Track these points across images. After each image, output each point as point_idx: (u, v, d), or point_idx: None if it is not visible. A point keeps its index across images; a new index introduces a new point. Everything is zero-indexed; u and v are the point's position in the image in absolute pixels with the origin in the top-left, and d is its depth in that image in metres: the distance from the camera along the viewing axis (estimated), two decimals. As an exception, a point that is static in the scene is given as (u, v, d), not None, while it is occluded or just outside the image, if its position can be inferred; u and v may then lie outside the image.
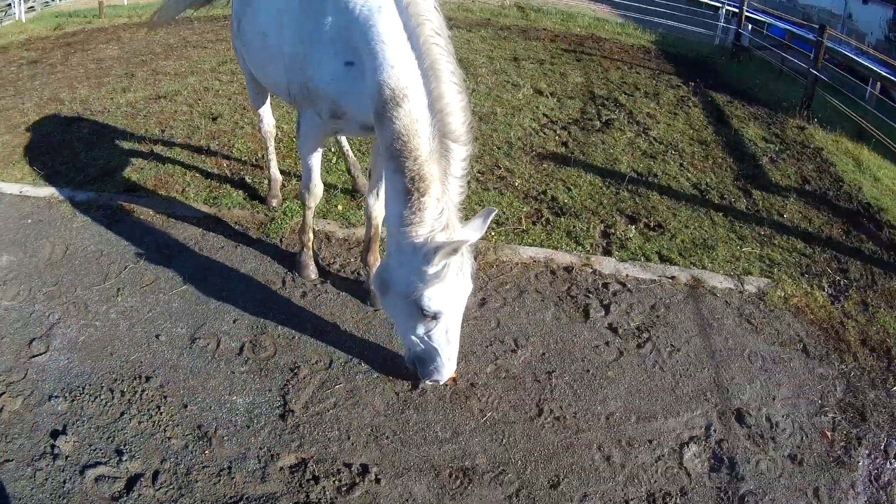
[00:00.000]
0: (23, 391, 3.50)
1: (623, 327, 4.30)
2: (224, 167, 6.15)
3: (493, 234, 5.26)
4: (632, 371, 3.95)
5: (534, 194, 6.05)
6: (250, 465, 3.13)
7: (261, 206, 5.44)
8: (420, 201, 2.93)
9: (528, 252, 5.04)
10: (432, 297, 2.90)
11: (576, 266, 4.90)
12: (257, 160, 6.27)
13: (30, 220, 5.09)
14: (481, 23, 14.26)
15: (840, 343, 4.44)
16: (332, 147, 6.65)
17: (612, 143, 7.58)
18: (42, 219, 5.12)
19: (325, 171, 5.96)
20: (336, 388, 3.61)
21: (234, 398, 3.50)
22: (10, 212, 5.22)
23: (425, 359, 3.13)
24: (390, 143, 3.00)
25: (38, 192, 5.54)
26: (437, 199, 2.95)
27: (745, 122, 9.04)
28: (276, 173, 5.47)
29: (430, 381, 3.24)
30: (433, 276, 2.87)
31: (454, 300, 2.98)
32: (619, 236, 5.42)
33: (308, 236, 4.43)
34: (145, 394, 3.49)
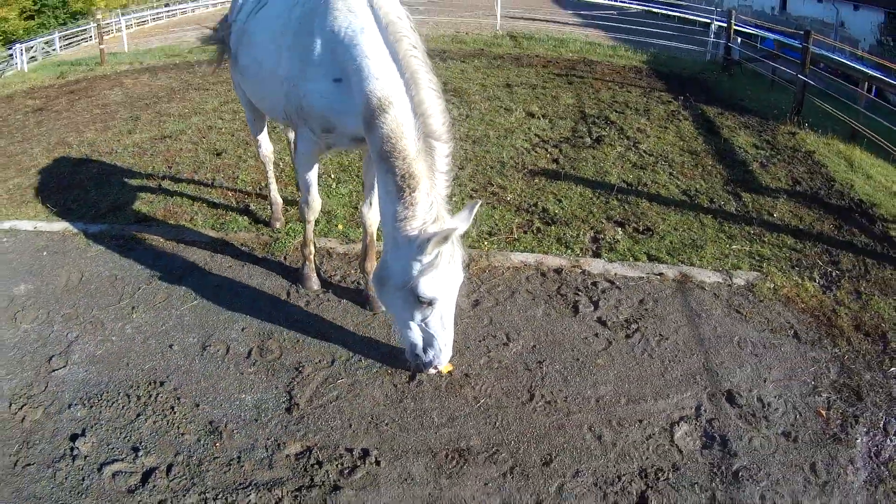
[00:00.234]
0: (43, 402, 3.70)
1: (612, 320, 4.46)
2: (230, 197, 6.44)
3: (486, 243, 5.46)
4: (621, 359, 4.09)
5: (525, 207, 6.25)
6: (258, 454, 3.32)
7: (265, 228, 5.72)
8: (411, 197, 3.19)
9: (519, 257, 5.24)
10: (427, 284, 3.15)
11: (565, 268, 5.08)
12: (260, 189, 6.56)
13: (45, 253, 5.35)
14: (475, 53, 14.63)
15: (833, 329, 4.47)
16: (333, 173, 6.96)
17: (602, 157, 7.74)
18: (57, 250, 5.38)
19: (326, 195, 6.25)
20: (338, 382, 3.82)
21: (244, 396, 3.71)
22: (25, 246, 5.48)
23: (424, 347, 3.35)
24: (380, 147, 3.28)
25: (52, 227, 5.81)
26: (427, 194, 3.22)
27: (736, 132, 9.09)
28: (276, 197, 5.78)
29: (430, 370, 3.45)
30: (427, 265, 3.14)
31: (447, 286, 3.23)
32: (608, 240, 5.58)
33: (309, 249, 4.69)
34: (160, 397, 3.70)
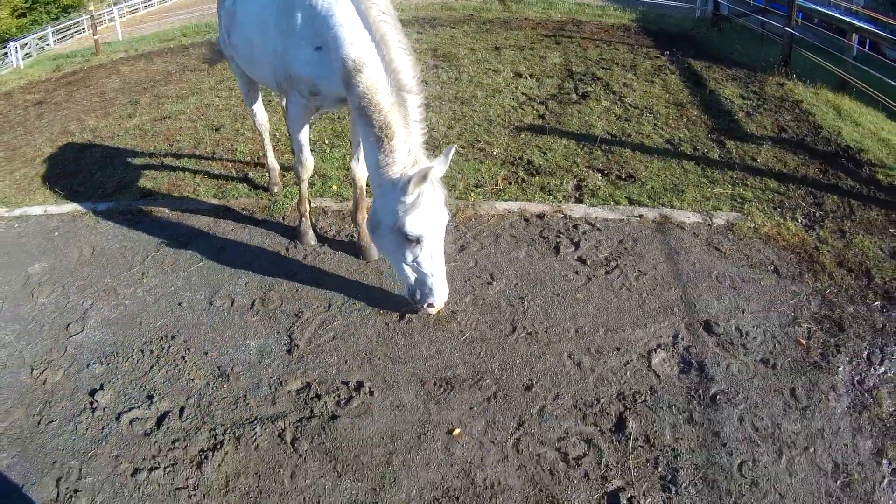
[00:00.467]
0: (63, 364, 3.99)
1: (592, 259, 4.69)
2: (229, 168, 6.71)
3: (472, 195, 5.70)
4: (599, 293, 4.33)
5: (511, 160, 6.46)
6: (262, 391, 3.63)
7: (264, 193, 5.99)
8: (390, 145, 3.53)
9: (503, 205, 5.47)
10: (412, 221, 3.45)
11: (547, 213, 5.31)
12: (258, 159, 6.80)
13: (57, 233, 5.63)
14: (464, 19, 14.69)
15: (814, 265, 4.58)
16: (327, 139, 7.20)
17: (587, 112, 7.88)
18: (68, 230, 5.66)
19: (321, 160, 6.51)
20: (334, 324, 4.12)
21: (248, 342, 4.02)
22: (37, 229, 5.77)
23: (420, 285, 3.66)
24: (359, 103, 3.61)
25: (62, 209, 6.10)
26: (404, 142, 3.55)
27: (723, 84, 9.11)
28: (274, 163, 6.07)
29: (428, 309, 3.73)
30: (411, 205, 3.44)
31: (432, 224, 3.52)
32: (590, 188, 5.79)
33: (305, 206, 4.98)
34: (171, 349, 4.01)
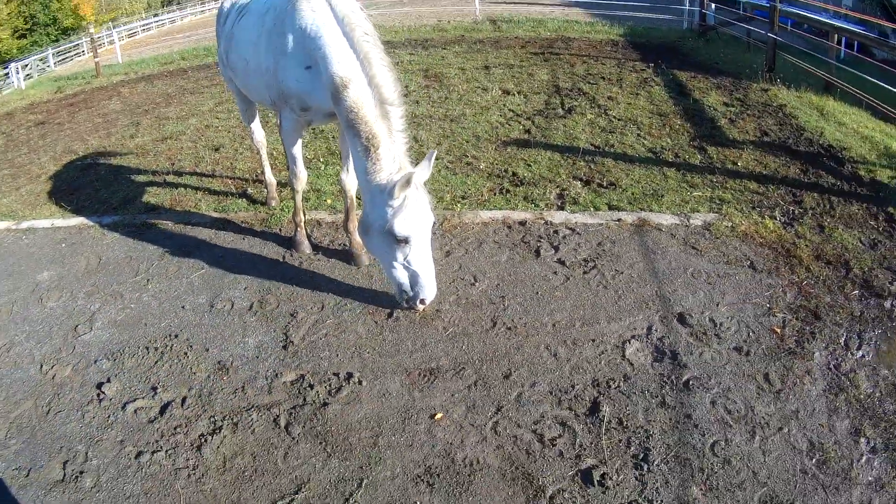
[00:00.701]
0: (71, 361, 4.25)
1: (570, 260, 4.94)
2: (229, 184, 7.02)
3: (458, 206, 5.98)
4: (577, 290, 4.58)
5: (497, 173, 6.75)
6: (259, 383, 3.90)
7: (262, 207, 6.31)
8: (376, 154, 3.83)
9: (487, 214, 5.76)
10: (400, 223, 3.72)
11: (529, 220, 5.59)
12: (257, 176, 7.12)
13: (64, 245, 5.93)
14: (455, 40, 15.10)
15: (791, 259, 4.71)
16: (322, 157, 7.51)
17: (572, 125, 8.17)
18: (75, 241, 5.96)
19: (316, 176, 6.83)
20: (327, 323, 4.40)
21: (247, 339, 4.30)
22: (45, 241, 6.07)
23: (410, 284, 3.90)
24: (346, 116, 3.93)
25: (68, 222, 6.42)
26: (388, 150, 3.86)
27: (707, 92, 9.40)
28: (271, 178, 6.40)
29: (419, 306, 3.97)
30: (398, 208, 3.73)
31: (419, 224, 3.79)
32: (572, 196, 6.05)
33: (300, 217, 5.30)
34: (174, 346, 4.29)
